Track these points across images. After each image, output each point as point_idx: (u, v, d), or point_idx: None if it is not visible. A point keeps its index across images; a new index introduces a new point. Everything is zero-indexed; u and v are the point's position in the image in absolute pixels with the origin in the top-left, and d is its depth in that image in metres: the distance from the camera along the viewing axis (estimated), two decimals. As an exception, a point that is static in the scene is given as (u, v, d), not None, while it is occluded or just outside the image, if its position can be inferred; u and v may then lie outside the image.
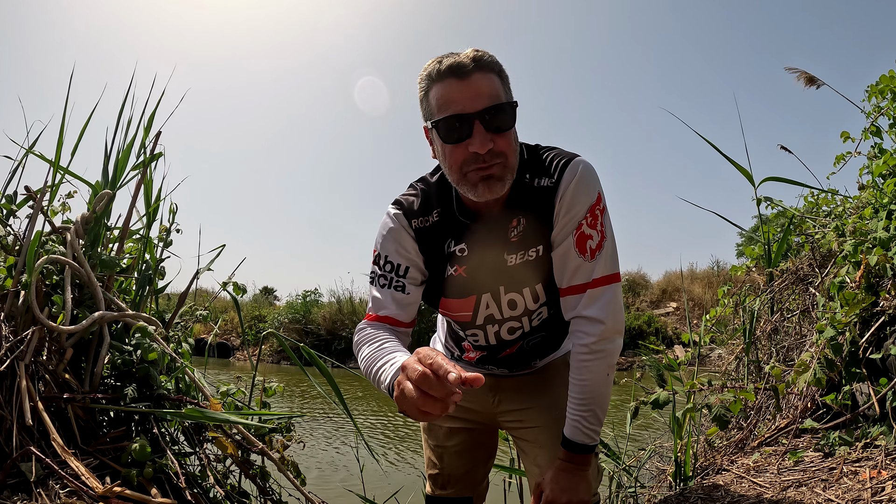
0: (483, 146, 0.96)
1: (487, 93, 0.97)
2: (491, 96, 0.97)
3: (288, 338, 2.01)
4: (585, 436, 1.11)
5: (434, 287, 1.20)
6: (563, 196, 1.06)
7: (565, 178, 1.06)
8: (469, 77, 0.97)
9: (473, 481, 1.45)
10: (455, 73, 0.97)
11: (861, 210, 1.94)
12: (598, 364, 1.09)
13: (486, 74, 0.98)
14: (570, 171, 1.06)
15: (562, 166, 1.06)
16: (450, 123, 0.97)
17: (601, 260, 1.08)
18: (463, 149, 0.98)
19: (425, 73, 1.01)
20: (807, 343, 2.01)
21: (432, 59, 1.01)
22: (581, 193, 1.06)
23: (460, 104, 0.97)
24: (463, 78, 0.97)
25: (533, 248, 1.12)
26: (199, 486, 1.35)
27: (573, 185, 1.05)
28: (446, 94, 0.98)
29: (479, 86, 0.97)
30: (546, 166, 1.08)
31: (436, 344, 1.53)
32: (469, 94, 0.96)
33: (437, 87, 0.99)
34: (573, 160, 1.07)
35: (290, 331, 12.37)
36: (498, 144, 0.98)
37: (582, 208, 1.06)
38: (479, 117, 0.96)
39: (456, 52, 1.00)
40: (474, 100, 0.96)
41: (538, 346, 1.30)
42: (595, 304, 1.08)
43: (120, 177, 1.68)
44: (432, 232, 1.13)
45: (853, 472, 1.35)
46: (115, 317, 1.40)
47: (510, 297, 1.19)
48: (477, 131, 0.96)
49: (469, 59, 0.97)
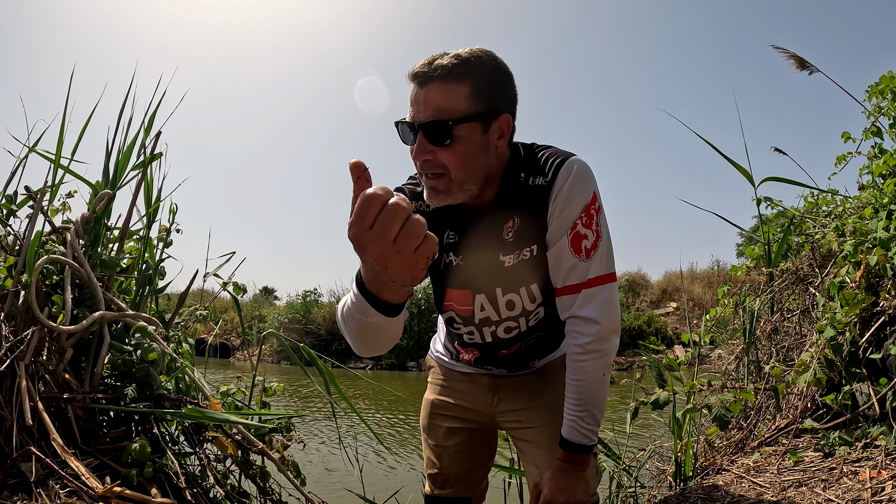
0: (419, 156, 0.99)
1: (436, 104, 0.97)
2: (438, 109, 0.97)
3: (288, 338, 2.01)
4: (583, 436, 1.11)
5: (438, 279, 1.21)
6: (558, 195, 1.06)
7: (560, 178, 1.06)
8: (426, 86, 0.98)
9: (473, 481, 1.45)
10: (416, 77, 0.99)
11: (861, 210, 1.94)
12: (593, 364, 1.09)
13: (446, 84, 0.97)
14: (564, 171, 1.06)
15: (556, 165, 1.06)
16: (401, 128, 1.01)
17: (596, 260, 1.08)
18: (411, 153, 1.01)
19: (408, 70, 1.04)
20: (807, 343, 2.01)
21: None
22: (576, 193, 1.06)
23: (413, 111, 1.00)
24: (421, 85, 0.99)
25: (528, 248, 1.12)
26: (199, 486, 1.35)
27: (568, 184, 1.05)
28: (410, 96, 1.01)
29: (429, 96, 0.98)
30: (541, 165, 1.08)
31: (436, 344, 1.54)
32: (420, 103, 0.99)
33: (410, 86, 1.02)
34: (568, 159, 1.07)
35: (290, 331, 12.38)
36: (439, 157, 0.99)
37: (577, 208, 1.06)
38: (422, 128, 0.98)
39: (442, 54, 1.00)
40: (423, 110, 0.98)
41: (536, 346, 1.30)
42: (590, 303, 1.09)
43: (120, 177, 1.68)
44: (431, 219, 1.14)
45: (853, 472, 1.35)
46: (115, 317, 1.40)
47: (508, 298, 1.19)
48: (419, 141, 0.98)
49: (435, 66, 0.98)
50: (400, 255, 0.59)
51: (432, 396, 1.47)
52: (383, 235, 0.57)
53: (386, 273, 0.62)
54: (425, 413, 1.48)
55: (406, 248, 0.58)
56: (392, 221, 0.56)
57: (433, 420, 1.45)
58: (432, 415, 1.45)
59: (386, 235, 0.57)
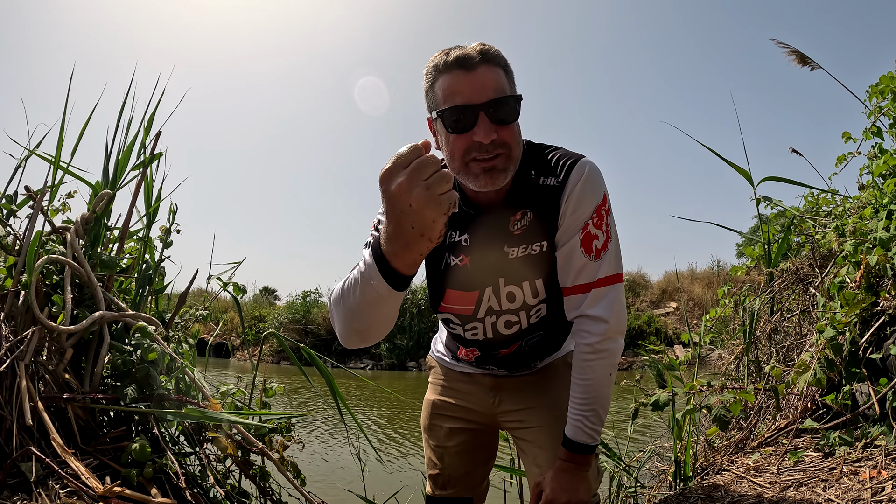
0: (487, 136, 0.97)
1: (493, 85, 0.98)
2: (496, 89, 0.98)
3: (288, 338, 2.01)
4: (587, 436, 1.11)
5: (436, 278, 1.21)
6: (570, 196, 1.07)
7: (572, 179, 1.07)
8: (475, 69, 0.98)
9: (473, 482, 1.45)
10: (462, 64, 0.98)
11: (861, 210, 1.94)
12: (601, 363, 1.10)
13: (491, 68, 0.99)
14: (576, 172, 1.07)
15: (568, 166, 1.08)
16: (455, 113, 0.98)
17: (606, 260, 1.09)
18: (467, 138, 0.98)
19: (432, 64, 1.02)
20: (807, 343, 2.01)
21: (439, 52, 1.02)
22: (588, 194, 1.07)
23: (466, 95, 0.97)
24: (469, 70, 0.98)
25: (536, 244, 1.13)
26: (199, 486, 1.35)
27: (580, 185, 1.06)
28: (452, 85, 0.99)
29: (484, 78, 0.98)
30: (552, 166, 1.09)
31: (437, 344, 1.54)
32: (475, 85, 0.97)
33: (444, 78, 1.00)
34: (580, 160, 1.08)
35: (290, 331, 12.39)
36: (501, 135, 0.99)
37: (588, 208, 1.07)
38: (483, 108, 0.97)
39: (462, 45, 1.01)
40: (480, 91, 0.97)
41: (537, 345, 1.30)
42: (599, 303, 1.09)
43: (120, 177, 1.68)
44: None
45: (853, 472, 1.35)
46: (115, 317, 1.40)
47: (509, 290, 1.19)
48: (481, 121, 0.97)
49: (476, 51, 0.98)
50: (428, 194, 0.71)
51: (433, 397, 1.47)
52: (416, 173, 0.71)
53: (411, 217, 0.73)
54: (426, 413, 1.48)
55: (435, 188, 0.71)
56: (427, 166, 0.72)
57: (434, 420, 1.45)
58: (433, 415, 1.45)
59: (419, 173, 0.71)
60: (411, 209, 0.73)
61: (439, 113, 1.00)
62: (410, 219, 0.73)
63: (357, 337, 0.96)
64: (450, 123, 0.99)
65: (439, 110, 1.00)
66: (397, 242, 0.78)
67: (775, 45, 2.43)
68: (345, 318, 0.94)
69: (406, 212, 0.73)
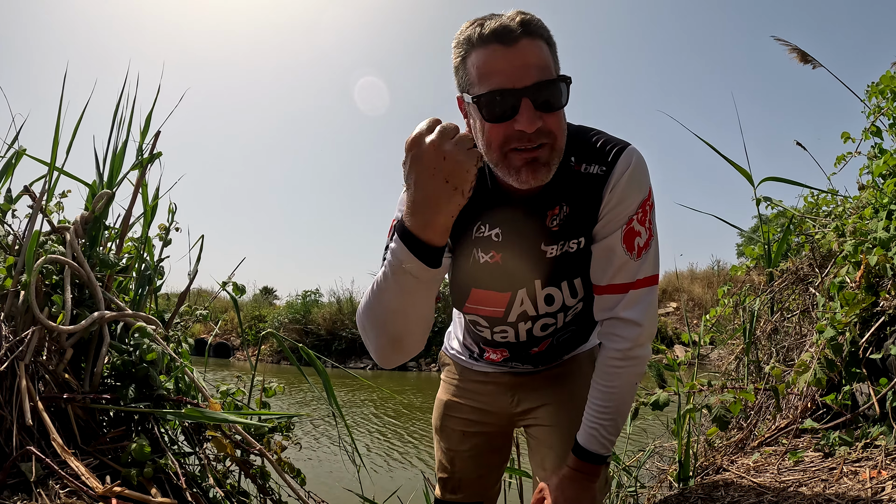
0: (531, 125, 0.84)
1: (536, 63, 0.84)
2: (540, 68, 0.85)
3: (287, 338, 2.01)
4: (601, 445, 1.04)
5: (463, 275, 1.09)
6: (615, 187, 0.96)
7: (619, 168, 0.95)
8: (516, 44, 0.84)
9: (485, 487, 1.38)
10: (500, 38, 0.84)
11: (861, 210, 1.94)
12: (629, 371, 1.03)
13: (534, 41, 0.85)
14: (623, 160, 0.95)
15: (615, 154, 0.95)
16: (493, 99, 0.85)
17: (647, 259, 1.01)
18: (507, 127, 0.86)
19: (463, 36, 0.88)
20: (807, 343, 2.01)
21: (470, 22, 0.89)
22: (634, 186, 0.96)
23: (506, 76, 0.84)
24: (509, 45, 0.84)
25: (574, 240, 1.02)
26: (199, 486, 1.35)
27: (627, 175, 0.95)
28: (489, 63, 0.85)
29: (526, 55, 0.84)
30: (596, 151, 0.97)
31: (451, 340, 1.44)
32: (516, 64, 0.84)
33: (478, 53, 0.86)
34: (627, 147, 0.96)
35: (289, 331, 12.37)
36: (547, 123, 0.86)
37: (634, 202, 0.97)
38: (527, 93, 0.83)
39: (498, 14, 0.87)
40: (522, 72, 0.83)
41: (568, 341, 1.23)
42: (636, 306, 1.01)
43: (116, 176, 1.67)
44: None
45: (853, 472, 1.35)
46: (114, 316, 1.40)
47: (547, 292, 1.09)
48: (525, 108, 0.83)
49: (516, 22, 0.84)
50: (458, 147, 0.75)
51: (446, 397, 1.39)
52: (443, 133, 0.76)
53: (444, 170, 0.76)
54: (438, 414, 1.39)
55: (463, 142, 0.76)
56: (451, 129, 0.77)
57: (446, 422, 1.37)
58: (445, 416, 1.37)
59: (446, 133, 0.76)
60: (444, 162, 0.75)
61: (475, 98, 0.86)
62: (444, 172, 0.76)
63: (392, 347, 0.90)
64: (487, 110, 0.86)
65: (475, 95, 0.86)
66: (428, 208, 0.78)
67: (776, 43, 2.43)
68: (377, 325, 0.88)
69: (439, 166, 0.75)
